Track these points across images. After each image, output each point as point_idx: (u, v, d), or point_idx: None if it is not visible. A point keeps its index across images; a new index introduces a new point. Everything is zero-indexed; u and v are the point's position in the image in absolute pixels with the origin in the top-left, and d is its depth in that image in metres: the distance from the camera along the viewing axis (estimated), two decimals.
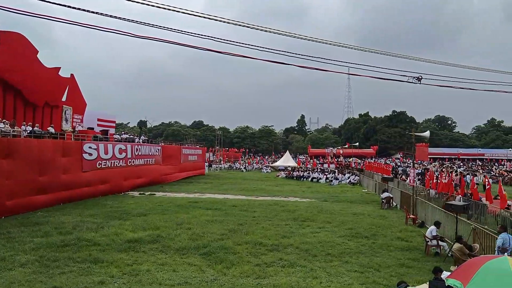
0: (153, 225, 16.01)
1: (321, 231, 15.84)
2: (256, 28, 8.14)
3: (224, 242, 13.56)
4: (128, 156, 29.61)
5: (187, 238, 13.98)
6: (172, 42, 8.73)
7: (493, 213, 19.08)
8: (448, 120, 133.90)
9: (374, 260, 11.96)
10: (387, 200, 23.51)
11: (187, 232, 14.88)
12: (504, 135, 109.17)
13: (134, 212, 19.46)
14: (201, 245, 13.03)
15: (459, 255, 11.12)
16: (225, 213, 19.58)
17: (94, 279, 9.60)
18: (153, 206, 21.40)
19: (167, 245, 12.96)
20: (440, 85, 9.19)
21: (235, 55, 8.33)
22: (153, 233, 14.49)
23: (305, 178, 45.52)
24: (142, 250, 12.41)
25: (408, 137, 24.12)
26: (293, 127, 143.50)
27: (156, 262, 11.18)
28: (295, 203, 24.43)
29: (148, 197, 26.44)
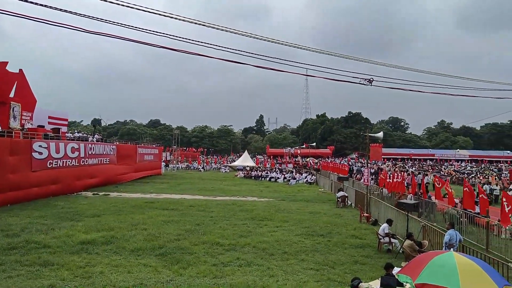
0: (107, 226, 15.58)
1: (278, 230, 15.98)
2: (213, 27, 8.09)
3: (180, 242, 13.41)
4: (81, 155, 28.66)
5: (143, 239, 13.71)
6: (125, 39, 8.51)
7: (442, 211, 19.94)
8: (401, 122, 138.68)
9: (329, 257, 12.21)
10: (342, 199, 24.04)
11: (143, 233, 14.60)
12: (453, 137, 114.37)
13: (87, 213, 18.86)
14: (157, 245, 12.83)
15: (410, 252, 11.55)
16: (182, 214, 19.36)
17: (43, 283, 9.22)
18: (107, 207, 20.82)
19: (122, 246, 12.65)
20: (390, 87, 9.49)
21: (190, 53, 8.23)
22: (107, 234, 14.10)
23: (263, 177, 45.78)
24: (96, 252, 12.05)
25: (363, 138, 24.93)
26: (252, 127, 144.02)
27: (110, 263, 10.89)
28: (253, 202, 24.50)
29: (102, 197, 25.70)
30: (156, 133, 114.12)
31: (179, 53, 8.11)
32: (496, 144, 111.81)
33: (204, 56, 8.41)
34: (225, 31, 8.21)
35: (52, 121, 34.03)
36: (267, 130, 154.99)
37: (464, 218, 16.67)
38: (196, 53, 8.40)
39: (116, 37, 8.81)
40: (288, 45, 8.99)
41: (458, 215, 17.21)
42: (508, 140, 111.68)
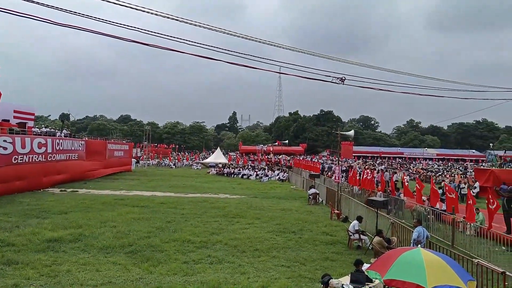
0: (75, 224, 15.22)
1: (250, 227, 15.98)
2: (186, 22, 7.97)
3: (151, 240, 13.23)
4: (48, 151, 27.87)
5: (112, 236, 13.46)
6: (95, 32, 8.26)
7: (410, 208, 20.39)
8: (372, 120, 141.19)
9: (301, 254, 12.30)
10: (313, 196, 24.25)
11: (112, 230, 14.33)
12: (421, 135, 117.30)
13: (54, 210, 18.37)
14: (127, 243, 12.62)
15: (379, 248, 11.75)
16: (152, 211, 19.11)
17: (7, 282, 8.91)
18: (76, 204, 20.34)
19: (90, 244, 12.38)
20: (361, 86, 9.61)
21: (160, 47, 8.07)
22: (75, 232, 13.77)
23: (235, 175, 45.71)
24: (63, 250, 11.75)
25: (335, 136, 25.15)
26: (225, 124, 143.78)
27: (78, 262, 10.63)
28: (225, 199, 24.43)
29: (70, 194, 25.09)
30: (127, 129, 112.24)
31: (151, 47, 7.96)
32: (462, 143, 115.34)
33: (177, 52, 8.29)
34: (199, 27, 8.11)
35: (17, 115, 32.91)
36: (240, 127, 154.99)
37: (431, 215, 17.10)
38: (168, 48, 8.27)
39: (85, 29, 8.57)
40: (261, 42, 8.98)
41: (425, 212, 17.64)
42: (474, 139, 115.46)
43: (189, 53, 8.31)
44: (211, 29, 8.43)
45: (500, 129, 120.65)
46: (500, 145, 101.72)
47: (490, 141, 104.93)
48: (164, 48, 8.24)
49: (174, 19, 7.82)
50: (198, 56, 8.40)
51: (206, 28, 8.26)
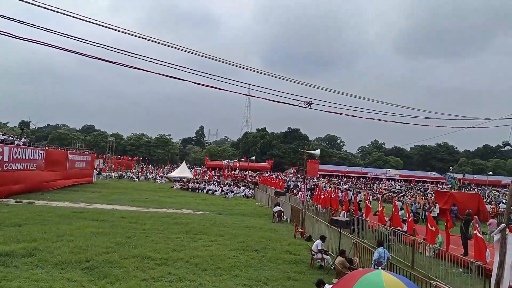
0: (29, 237, 14.51)
1: (213, 245, 15.72)
2: (153, 41, 7.79)
3: (109, 255, 12.77)
4: (4, 159, 26.73)
5: (68, 251, 12.90)
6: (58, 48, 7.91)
7: (372, 228, 20.65)
8: (338, 140, 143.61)
9: (263, 273, 12.16)
10: (278, 214, 24.22)
11: (69, 245, 13.75)
12: (384, 156, 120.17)
13: (7, 222, 17.49)
14: (84, 259, 12.12)
15: (341, 268, 11.78)
16: (112, 225, 18.52)
17: None
18: (31, 216, 19.46)
19: (44, 259, 11.81)
20: (327, 111, 9.71)
21: (123, 65, 7.83)
22: (29, 246, 13.12)
23: (200, 190, 45.16)
24: (14, 265, 11.15)
25: (301, 154, 25.28)
26: (192, 138, 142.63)
27: (30, 278, 10.10)
28: (188, 215, 24.03)
29: (25, 205, 24.04)
30: (90, 139, 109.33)
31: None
32: (424, 165, 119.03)
33: (141, 70, 8.07)
34: (163, 44, 7.93)
35: None
36: (207, 141, 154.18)
37: (392, 236, 17.36)
38: (132, 66, 8.01)
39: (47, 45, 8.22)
40: (229, 64, 8.91)
41: (387, 233, 17.90)
42: (435, 162, 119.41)
43: (153, 72, 8.10)
44: (178, 49, 8.27)
45: (460, 152, 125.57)
46: (459, 168, 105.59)
47: (450, 164, 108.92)
48: (127, 66, 7.99)
49: (135, 36, 7.63)
50: (164, 75, 8.18)
51: (170, 46, 8.10)
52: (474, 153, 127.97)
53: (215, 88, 8.93)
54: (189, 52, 8.23)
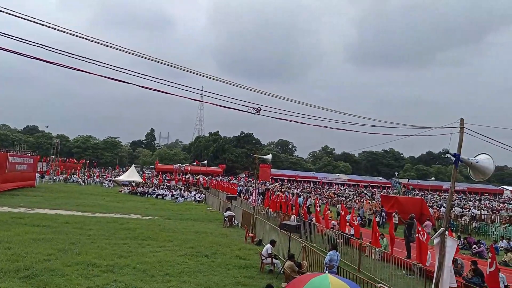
0: None
1: (161, 250, 15.41)
2: (96, 42, 7.46)
3: (51, 263, 12.18)
4: None
5: (6, 259, 12.19)
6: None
7: (321, 232, 21.03)
8: (290, 145, 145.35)
9: (212, 279, 12.04)
10: (229, 219, 24.13)
11: (6, 253, 12.99)
12: (334, 161, 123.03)
13: None
14: (23, 267, 11.49)
15: (290, 272, 11.87)
16: (55, 231, 17.69)
17: None
18: None
19: None
20: (276, 117, 9.75)
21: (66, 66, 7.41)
22: None
23: (150, 194, 44.16)
24: None
25: (253, 158, 25.48)
26: (142, 141, 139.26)
27: None
28: (136, 220, 23.42)
29: None
30: (33, 141, 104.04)
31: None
32: (371, 170, 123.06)
33: (84, 72, 7.67)
34: (110, 47, 7.61)
35: None
36: (157, 144, 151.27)
37: (340, 240, 17.74)
38: (74, 68, 7.63)
39: None
40: (177, 68, 8.72)
41: (335, 237, 18.27)
42: (381, 167, 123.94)
43: (97, 74, 7.72)
44: (122, 51, 7.95)
45: (405, 158, 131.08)
46: (404, 174, 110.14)
47: (396, 170, 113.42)
48: (71, 68, 7.59)
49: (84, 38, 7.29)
50: (108, 78, 7.82)
51: (118, 49, 7.80)
52: (418, 159, 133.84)
53: (163, 92, 8.71)
54: (137, 55, 7.97)
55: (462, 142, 8.02)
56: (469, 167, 8.19)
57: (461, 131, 8.05)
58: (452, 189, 8.53)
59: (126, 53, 7.83)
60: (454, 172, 8.21)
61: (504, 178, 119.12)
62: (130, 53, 7.85)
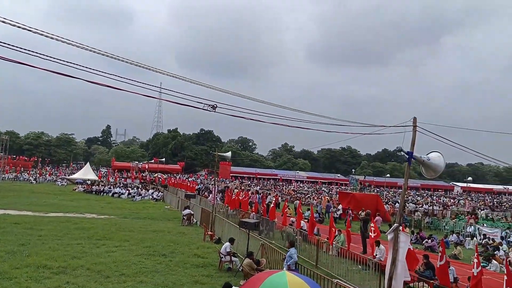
0: None
1: (117, 250, 15.04)
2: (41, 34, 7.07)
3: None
4: None
5: None
6: None
7: (280, 229, 21.18)
8: (250, 142, 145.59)
9: (170, 278, 11.87)
10: (188, 217, 23.86)
11: None
12: (294, 159, 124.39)
13: None
14: None
15: (248, 270, 11.87)
16: (3, 232, 16.93)
17: None
18: None
19: None
20: (233, 115, 9.67)
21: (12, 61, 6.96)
22: None
23: (106, 193, 43.01)
24: None
25: (213, 156, 25.30)
26: (97, 138, 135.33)
27: None
28: (91, 220, 22.75)
29: None
30: None
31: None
32: (330, 168, 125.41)
33: (34, 67, 7.23)
34: (61, 42, 7.23)
35: None
36: (114, 141, 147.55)
37: (299, 236, 17.93)
38: (21, 62, 7.19)
39: None
40: (133, 64, 8.45)
41: (294, 233, 18.45)
42: (339, 164, 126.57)
43: (44, 69, 7.32)
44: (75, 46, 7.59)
45: (362, 156, 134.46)
46: (361, 171, 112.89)
47: (353, 167, 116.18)
48: (16, 62, 7.15)
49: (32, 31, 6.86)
50: (55, 72, 7.40)
51: (70, 44, 7.44)
52: (375, 156, 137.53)
53: (115, 88, 8.41)
54: (93, 51, 7.63)
55: (415, 141, 8.25)
56: (421, 164, 8.44)
57: (414, 130, 8.29)
58: (405, 186, 8.77)
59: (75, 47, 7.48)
60: (407, 169, 8.45)
61: (455, 175, 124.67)
62: (78, 47, 7.50)
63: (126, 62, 8.39)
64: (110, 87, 8.13)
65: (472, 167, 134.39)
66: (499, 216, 37.88)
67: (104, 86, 8.08)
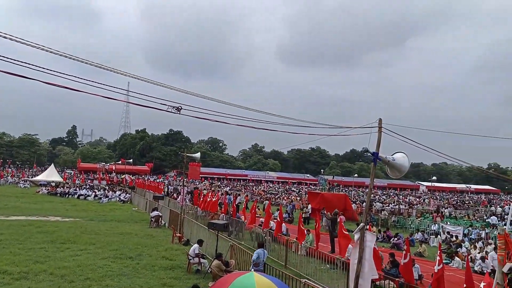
0: None
1: (82, 254, 14.66)
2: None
3: None
4: None
5: None
6: None
7: (250, 230, 21.16)
8: (220, 143, 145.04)
9: (136, 281, 11.67)
10: (156, 219, 23.53)
11: None
12: (264, 159, 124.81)
13: None
14: None
15: (217, 271, 11.81)
16: None
17: None
18: None
19: None
20: (198, 117, 9.55)
21: None
22: None
23: (71, 195, 41.84)
24: None
25: (182, 157, 25.08)
26: (63, 138, 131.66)
27: None
28: (55, 223, 22.08)
29: None
30: None
31: None
32: (299, 168, 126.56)
33: None
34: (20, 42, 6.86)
35: None
36: (80, 142, 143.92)
37: (268, 237, 17.97)
38: None
39: None
40: (97, 66, 8.19)
41: (263, 234, 18.47)
42: (309, 164, 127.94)
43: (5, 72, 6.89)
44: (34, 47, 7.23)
45: (331, 156, 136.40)
46: (330, 171, 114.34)
47: (322, 167, 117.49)
48: None
49: None
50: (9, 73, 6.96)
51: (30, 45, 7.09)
52: (343, 157, 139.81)
53: (78, 91, 8.12)
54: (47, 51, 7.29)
55: (380, 141, 8.41)
56: (386, 164, 8.61)
57: (379, 131, 8.44)
58: (371, 186, 8.93)
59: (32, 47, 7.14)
60: (372, 170, 8.60)
61: (420, 174, 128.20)
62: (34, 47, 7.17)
63: (86, 64, 8.12)
64: (69, 88, 7.83)
65: (437, 166, 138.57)
66: (462, 214, 39.19)
67: (63, 88, 7.77)
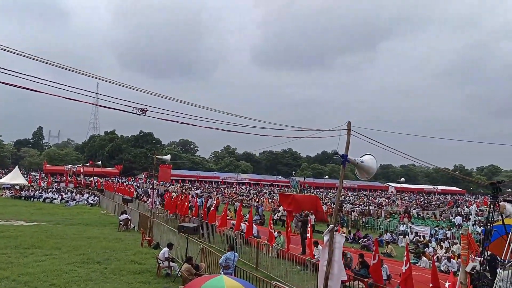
0: None
1: (47, 259, 14.24)
2: None
3: None
4: None
5: None
6: None
7: (221, 233, 21.03)
8: (191, 145, 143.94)
9: (104, 286, 11.46)
10: (125, 222, 23.10)
11: None
12: (236, 161, 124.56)
13: None
14: None
15: (187, 275, 11.66)
16: None
17: None
18: None
19: None
20: (164, 119, 9.36)
21: None
22: None
23: (36, 198, 40.56)
24: None
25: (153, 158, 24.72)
26: (28, 140, 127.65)
27: None
28: (19, 227, 21.37)
29: None
30: None
31: None
32: (271, 170, 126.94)
33: None
34: None
35: None
36: (46, 144, 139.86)
37: (239, 239, 17.91)
38: None
39: None
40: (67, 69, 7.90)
41: (234, 236, 18.40)
42: (281, 166, 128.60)
43: None
44: None
45: (302, 158, 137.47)
46: (302, 172, 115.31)
47: (294, 169, 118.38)
48: None
49: None
50: None
51: None
52: (314, 158, 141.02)
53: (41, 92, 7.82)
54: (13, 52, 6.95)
55: (349, 144, 8.51)
56: (355, 166, 8.71)
57: (348, 133, 8.54)
58: (340, 187, 9.03)
59: None
60: (342, 171, 8.68)
61: (389, 176, 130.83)
62: None
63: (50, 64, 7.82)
64: (28, 89, 7.50)
65: (405, 168, 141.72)
66: (429, 215, 40.19)
67: (24, 89, 7.45)
